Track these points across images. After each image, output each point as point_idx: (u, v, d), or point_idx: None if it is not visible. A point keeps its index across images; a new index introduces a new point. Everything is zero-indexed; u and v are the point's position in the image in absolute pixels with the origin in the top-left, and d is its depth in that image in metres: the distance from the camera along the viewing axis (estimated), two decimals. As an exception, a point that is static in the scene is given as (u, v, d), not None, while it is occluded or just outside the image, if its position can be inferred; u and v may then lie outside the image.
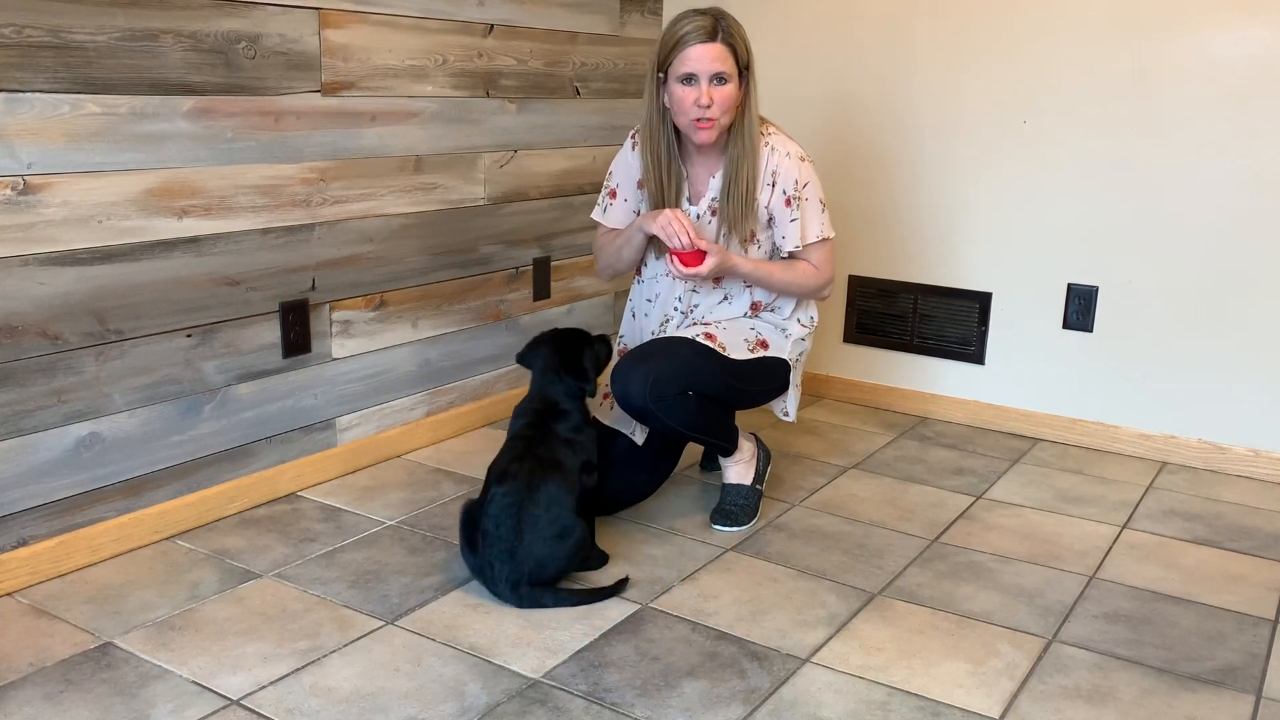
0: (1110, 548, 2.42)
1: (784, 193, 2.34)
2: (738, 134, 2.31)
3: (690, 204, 2.41)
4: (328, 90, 2.51)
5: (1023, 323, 3.15)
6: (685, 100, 2.26)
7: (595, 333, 2.37)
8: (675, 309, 2.46)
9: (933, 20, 3.12)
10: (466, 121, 2.90)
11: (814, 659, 1.92)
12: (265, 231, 2.43)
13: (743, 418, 2.73)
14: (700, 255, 2.24)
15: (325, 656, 1.88)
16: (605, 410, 2.50)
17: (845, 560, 2.32)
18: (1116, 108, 2.90)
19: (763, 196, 2.35)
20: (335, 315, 2.63)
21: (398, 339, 2.82)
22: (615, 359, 2.42)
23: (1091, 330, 3.04)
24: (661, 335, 2.45)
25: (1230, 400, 2.89)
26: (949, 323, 3.26)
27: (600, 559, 2.25)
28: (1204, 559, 2.38)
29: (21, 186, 1.98)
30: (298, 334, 2.54)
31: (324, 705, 1.74)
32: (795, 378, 2.51)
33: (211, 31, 2.24)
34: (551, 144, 3.20)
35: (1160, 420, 2.99)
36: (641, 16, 3.46)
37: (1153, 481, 2.84)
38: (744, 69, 2.28)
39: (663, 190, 2.39)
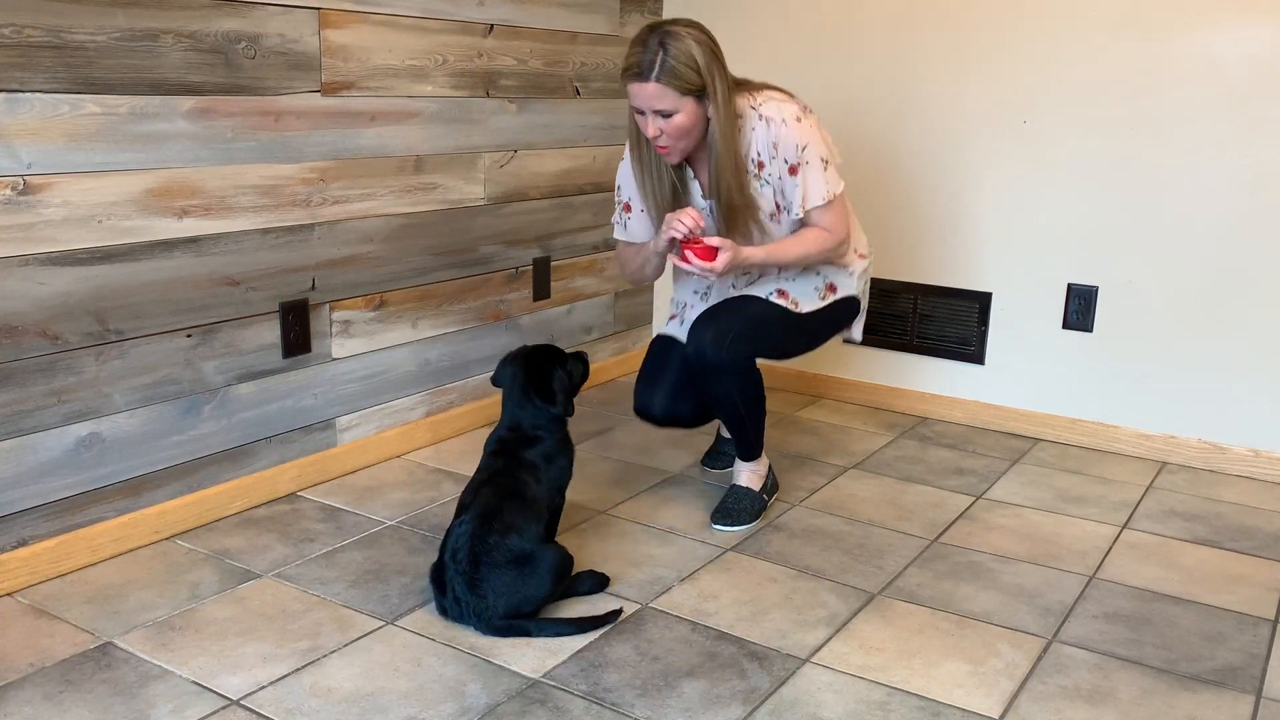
0: (1110, 548, 2.42)
1: (786, 162, 2.31)
2: (711, 140, 2.26)
3: (703, 199, 2.40)
4: (328, 90, 2.51)
5: (1023, 323, 3.15)
6: (641, 126, 2.26)
7: (578, 349, 2.27)
8: (733, 289, 2.48)
9: (933, 21, 3.12)
10: (466, 121, 2.90)
11: (814, 659, 1.92)
12: (265, 231, 2.43)
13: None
14: (714, 251, 2.21)
15: (325, 656, 1.88)
16: (676, 325, 2.59)
17: (845, 560, 2.32)
18: (1116, 108, 2.90)
19: (774, 169, 2.32)
20: (335, 315, 2.63)
21: (398, 339, 2.82)
22: (667, 325, 2.59)
23: (1091, 330, 3.04)
24: (734, 294, 2.47)
25: (1230, 400, 2.89)
26: (949, 323, 3.26)
27: (595, 583, 2.13)
28: (1204, 559, 2.38)
29: (21, 186, 1.98)
30: (298, 334, 2.54)
31: (324, 705, 1.74)
32: (863, 303, 2.57)
33: (211, 31, 2.24)
34: (551, 144, 3.20)
35: (1160, 420, 2.99)
36: (641, 16, 3.46)
37: (1153, 481, 2.84)
38: (697, 92, 2.18)
39: (655, 195, 2.37)
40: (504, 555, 1.93)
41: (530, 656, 1.89)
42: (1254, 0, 2.69)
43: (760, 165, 2.33)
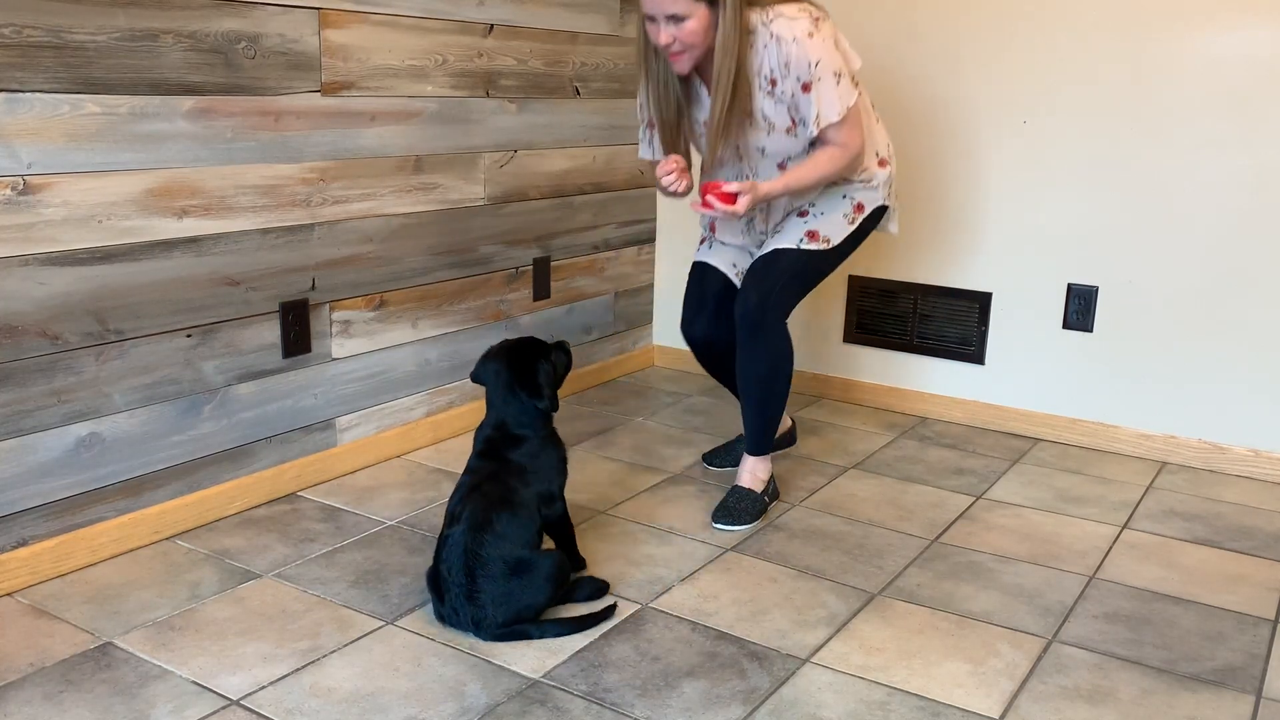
0: (1110, 548, 2.42)
1: (799, 79, 2.29)
2: (719, 52, 2.26)
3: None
4: (328, 90, 2.51)
5: (1023, 323, 3.15)
6: (653, 35, 2.28)
7: (561, 340, 2.24)
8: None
9: (933, 21, 3.12)
10: (466, 121, 2.90)
11: (814, 659, 1.92)
12: (265, 231, 2.43)
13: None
14: (733, 196, 2.26)
15: (325, 656, 1.88)
16: (706, 250, 2.65)
17: (845, 560, 2.32)
18: (1116, 108, 2.90)
19: (787, 86, 2.30)
20: (335, 315, 2.63)
21: (398, 339, 2.82)
22: (698, 250, 2.65)
23: (1091, 330, 3.04)
24: (767, 245, 2.50)
25: (1230, 400, 2.89)
26: (949, 323, 3.26)
27: (594, 589, 2.10)
28: (1204, 559, 2.38)
29: (21, 186, 1.98)
30: (298, 334, 2.54)
31: (324, 705, 1.74)
32: (892, 201, 2.58)
33: (211, 31, 2.24)
34: (551, 144, 3.20)
35: (1160, 420, 2.99)
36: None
37: (1153, 481, 2.84)
38: None
39: (660, 109, 2.40)
40: (498, 566, 1.91)
41: (530, 656, 1.89)
42: (1254, 0, 2.69)
43: (773, 82, 2.31)
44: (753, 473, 2.57)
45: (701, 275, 2.63)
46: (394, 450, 2.86)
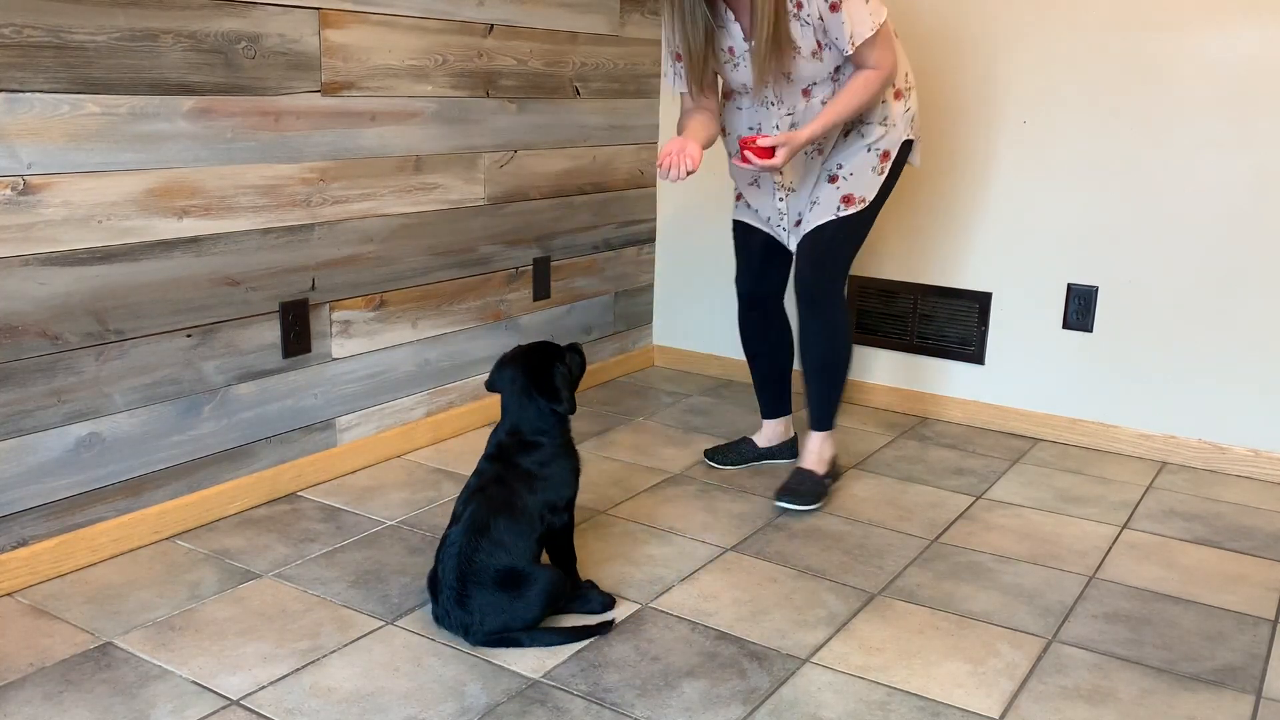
0: (1110, 548, 2.42)
1: (825, 2, 2.28)
2: None
3: (744, 40, 2.40)
4: (328, 90, 2.51)
5: (1023, 323, 3.15)
6: None
7: (572, 341, 2.22)
8: (776, 135, 2.48)
9: (932, 21, 3.12)
10: (466, 121, 2.90)
11: (814, 659, 1.92)
12: (265, 231, 2.43)
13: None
14: (770, 150, 2.30)
15: (325, 656, 1.88)
16: (743, 209, 2.70)
17: (845, 560, 2.32)
18: (1116, 108, 2.90)
19: (812, 9, 2.29)
20: (335, 315, 2.63)
21: (398, 339, 2.82)
22: (735, 209, 2.70)
23: (1091, 330, 3.04)
24: (807, 221, 2.54)
25: (1230, 400, 2.89)
26: (949, 323, 3.26)
27: (603, 603, 2.05)
28: (1204, 559, 2.38)
29: (21, 186, 1.98)
30: (298, 334, 2.54)
31: (324, 705, 1.74)
32: (915, 130, 2.57)
33: (211, 31, 2.24)
34: (551, 144, 3.20)
35: (1160, 420, 2.99)
36: (641, 16, 3.46)
37: (1153, 481, 2.84)
38: None
39: (689, 41, 2.39)
40: (491, 575, 1.88)
41: (530, 657, 1.89)
42: (1254, 0, 2.69)
43: (799, 5, 2.30)
44: (818, 453, 2.65)
45: (744, 232, 2.71)
46: (394, 450, 2.86)
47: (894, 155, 2.52)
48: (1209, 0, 2.74)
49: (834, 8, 2.28)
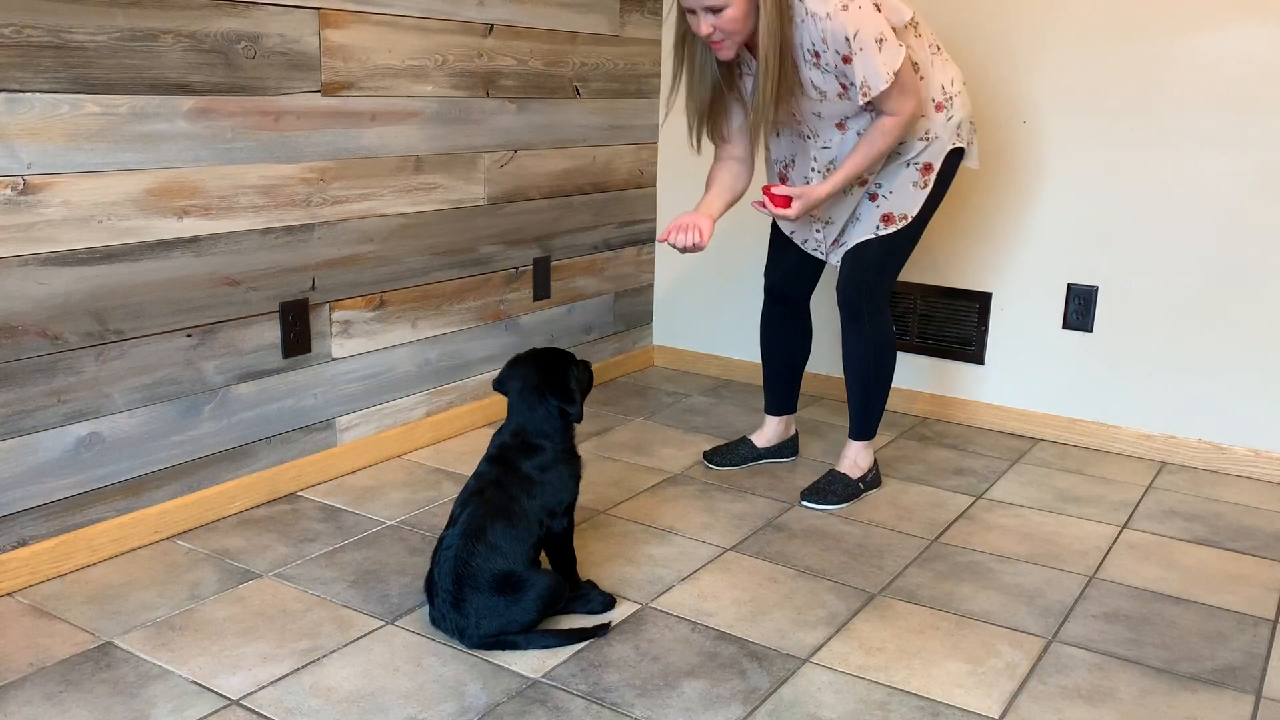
0: (1110, 548, 2.42)
1: (838, 53, 2.26)
2: (763, 35, 2.24)
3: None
4: (328, 90, 2.51)
5: (1023, 323, 3.15)
6: (693, 26, 2.29)
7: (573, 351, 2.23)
8: (813, 169, 2.52)
9: (932, 21, 3.11)
10: (466, 121, 2.90)
11: (814, 659, 1.92)
12: (265, 231, 2.43)
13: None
14: (788, 199, 2.37)
15: (325, 656, 1.88)
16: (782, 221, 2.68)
17: (845, 560, 2.32)
18: (1116, 108, 2.90)
19: (829, 59, 2.28)
20: (335, 315, 2.63)
21: (398, 339, 2.82)
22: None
23: (1091, 330, 3.04)
24: (849, 236, 2.55)
25: (1230, 400, 2.89)
26: (949, 323, 3.26)
27: (603, 602, 2.06)
28: (1204, 559, 2.38)
29: (21, 186, 1.98)
30: (298, 334, 2.54)
31: (324, 705, 1.74)
32: (966, 137, 2.52)
33: (211, 31, 2.24)
34: (551, 144, 3.20)
35: (1160, 420, 2.99)
36: (641, 16, 3.46)
37: (1152, 481, 2.84)
38: None
39: (697, 94, 2.40)
40: (487, 579, 1.88)
41: (530, 656, 1.89)
42: (1254, 1, 2.69)
43: (816, 55, 2.30)
44: (854, 460, 2.67)
45: (778, 235, 2.72)
46: (394, 450, 2.86)
47: (938, 167, 2.48)
48: (1209, 1, 2.74)
49: (846, 60, 2.27)
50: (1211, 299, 2.86)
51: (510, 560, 1.90)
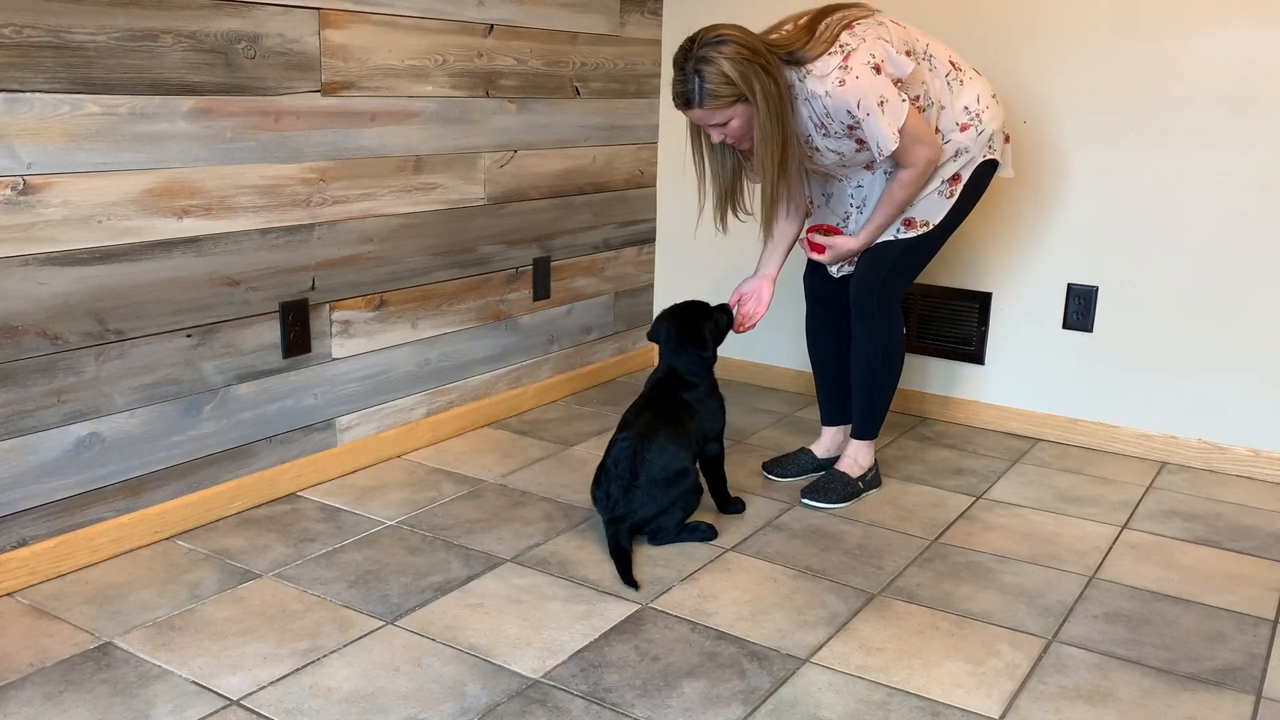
0: (1110, 548, 2.42)
1: (843, 124, 2.30)
2: (758, 144, 2.27)
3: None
4: (328, 90, 2.51)
5: (1023, 323, 3.15)
6: (706, 131, 2.36)
7: (721, 303, 2.57)
8: (851, 203, 2.58)
9: (931, 22, 3.11)
10: (466, 121, 2.90)
11: (814, 659, 1.92)
12: (265, 231, 2.43)
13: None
14: (823, 247, 2.56)
15: (325, 656, 1.88)
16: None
17: (845, 560, 2.32)
18: (1116, 108, 2.90)
19: (837, 128, 2.31)
20: (335, 315, 2.63)
21: (397, 339, 2.82)
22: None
23: (1091, 330, 3.04)
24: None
25: (1230, 400, 2.89)
26: (949, 323, 3.26)
27: (708, 531, 2.37)
28: (1204, 559, 2.38)
29: (21, 186, 1.98)
30: (298, 334, 2.54)
31: (324, 705, 1.74)
32: (996, 145, 2.51)
33: (211, 31, 2.24)
34: (551, 144, 3.20)
35: (1160, 420, 2.99)
36: (641, 16, 3.46)
37: (1153, 481, 2.84)
38: (742, 98, 2.21)
39: (718, 177, 2.46)
40: (659, 470, 2.25)
41: (530, 656, 1.89)
42: (1254, 1, 2.69)
43: (824, 126, 2.33)
44: (854, 458, 2.67)
45: None
46: (394, 450, 2.86)
47: (966, 177, 2.49)
48: (1209, 1, 2.74)
49: (851, 129, 2.31)
50: (1211, 299, 2.86)
51: (676, 458, 2.28)
